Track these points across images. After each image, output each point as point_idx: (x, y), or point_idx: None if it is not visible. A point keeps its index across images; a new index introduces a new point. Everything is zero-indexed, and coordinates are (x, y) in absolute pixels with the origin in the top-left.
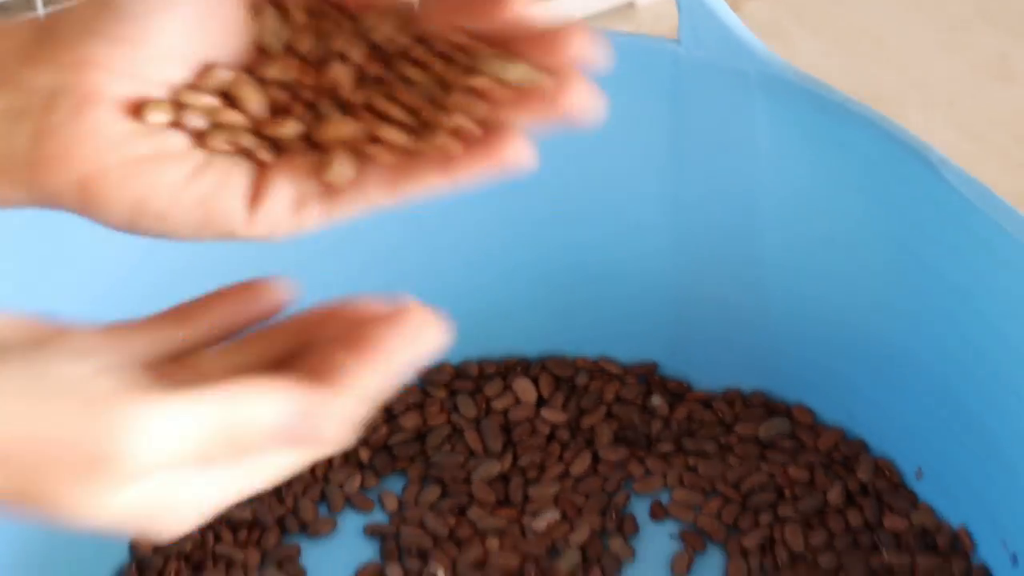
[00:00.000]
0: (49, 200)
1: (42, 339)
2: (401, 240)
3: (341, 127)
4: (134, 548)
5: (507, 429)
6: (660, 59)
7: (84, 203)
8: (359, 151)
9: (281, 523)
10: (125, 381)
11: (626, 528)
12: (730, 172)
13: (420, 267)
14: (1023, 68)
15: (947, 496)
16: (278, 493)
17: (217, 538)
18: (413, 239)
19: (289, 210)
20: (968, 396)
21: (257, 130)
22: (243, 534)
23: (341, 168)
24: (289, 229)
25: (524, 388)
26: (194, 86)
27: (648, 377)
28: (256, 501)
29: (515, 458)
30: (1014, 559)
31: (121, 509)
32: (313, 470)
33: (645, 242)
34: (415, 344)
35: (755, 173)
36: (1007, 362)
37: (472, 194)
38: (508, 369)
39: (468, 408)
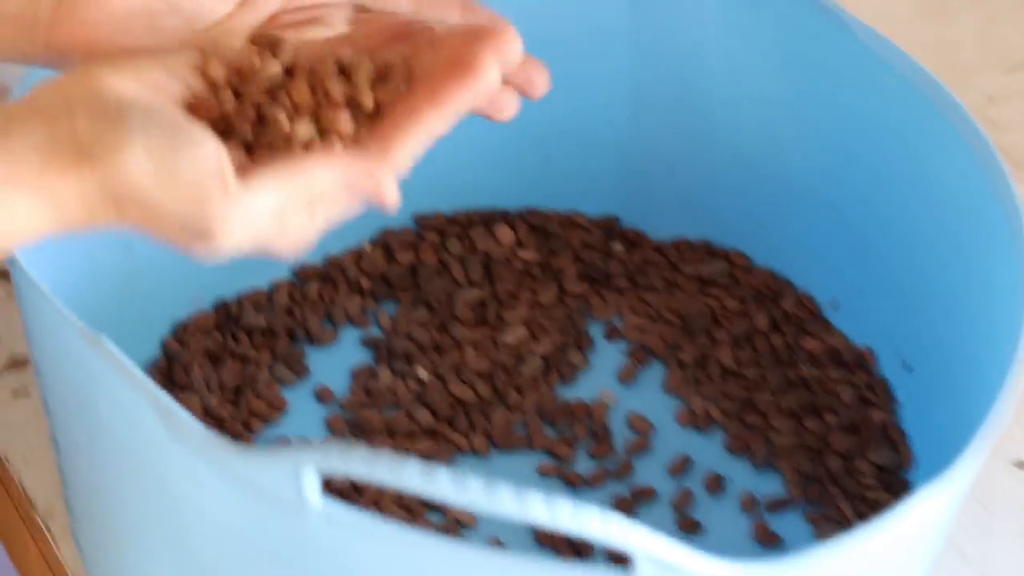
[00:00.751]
0: (60, 58)
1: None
2: None
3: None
4: (165, 346)
5: (488, 265)
6: None
7: (86, 63)
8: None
9: (291, 332)
10: (225, 166)
11: (583, 344)
12: (681, 43)
13: None
14: None
15: (856, 322)
16: (289, 310)
17: (236, 340)
18: None
19: None
20: (876, 235)
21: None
22: (257, 338)
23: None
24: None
25: (504, 233)
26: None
27: (610, 227)
28: (269, 313)
29: (493, 288)
30: (905, 365)
31: (232, 249)
32: (320, 294)
33: (608, 109)
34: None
35: (702, 43)
36: (909, 201)
37: None
38: (492, 218)
39: (455, 247)
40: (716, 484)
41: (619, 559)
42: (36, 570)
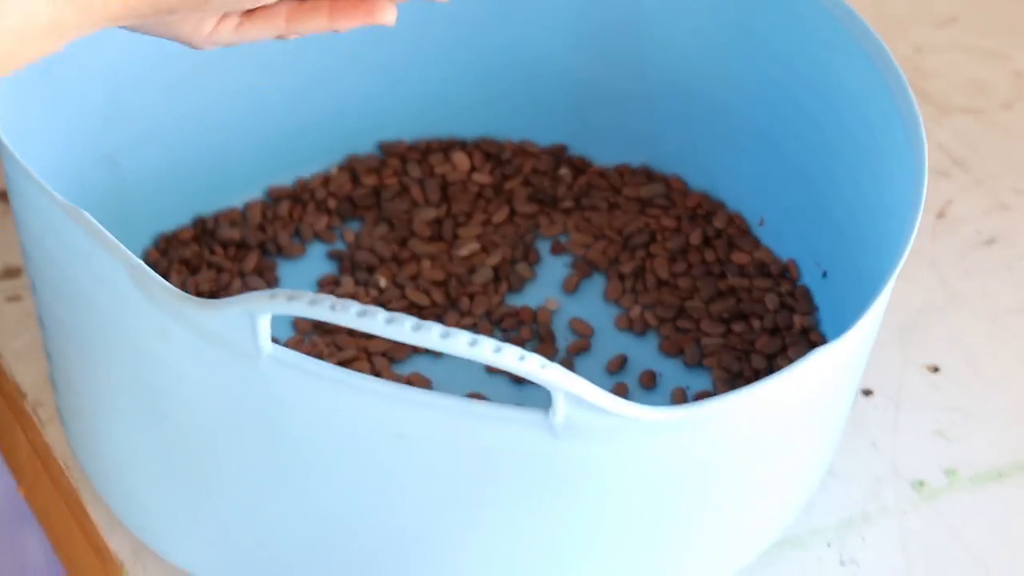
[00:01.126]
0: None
1: None
2: (371, 41)
3: None
4: (146, 255)
5: (444, 188)
6: None
7: None
8: None
9: (262, 246)
10: None
11: (530, 258)
12: None
13: (385, 63)
14: None
15: (781, 238)
16: (261, 226)
17: (211, 252)
18: (380, 38)
19: (232, 29)
20: (799, 158)
21: None
22: (231, 251)
23: None
24: (228, 42)
25: (460, 159)
26: None
27: (558, 155)
28: (243, 228)
29: (449, 208)
30: (824, 274)
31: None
32: (291, 213)
33: (555, 46)
34: None
35: None
36: (826, 125)
37: (425, 11)
38: (449, 146)
39: (415, 171)
40: (650, 380)
41: None
42: (24, 457)
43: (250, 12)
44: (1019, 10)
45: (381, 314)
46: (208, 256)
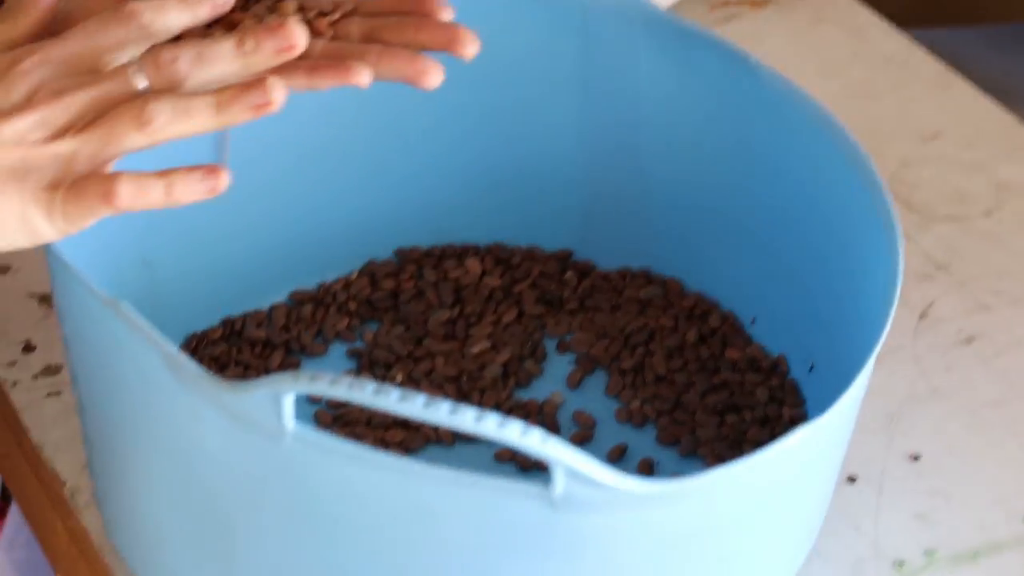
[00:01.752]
0: None
1: None
2: (386, 153)
3: None
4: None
5: (458, 291)
6: (571, 6)
7: None
8: None
9: (287, 345)
10: None
11: (537, 355)
12: (622, 96)
13: (400, 174)
14: None
15: (771, 335)
16: (286, 327)
17: (239, 350)
18: (397, 153)
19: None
20: (789, 260)
21: None
22: (258, 349)
23: None
24: None
25: (473, 264)
26: None
27: (564, 259)
28: (268, 329)
29: (461, 309)
30: (811, 368)
31: None
32: (313, 315)
33: (561, 155)
34: None
35: (639, 95)
36: (814, 227)
37: (441, 120)
38: (462, 252)
39: (430, 275)
40: (647, 467)
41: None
42: (62, 544)
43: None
44: (1000, 124)
45: (394, 392)
46: (236, 354)
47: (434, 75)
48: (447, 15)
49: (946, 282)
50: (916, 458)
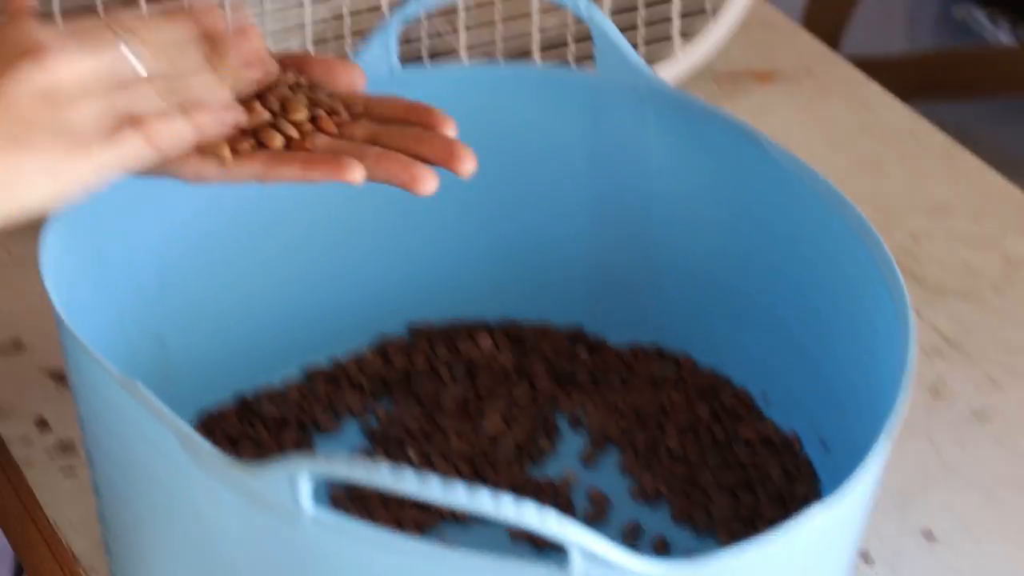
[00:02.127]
0: None
1: None
2: (396, 227)
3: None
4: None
5: (470, 368)
6: (581, 84)
7: None
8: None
9: (300, 422)
10: None
11: (550, 432)
12: (631, 173)
13: (411, 250)
14: None
15: (783, 411)
16: (299, 403)
17: (252, 427)
18: (407, 227)
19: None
20: (801, 337)
21: None
22: (272, 426)
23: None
24: (214, 179)
25: (485, 341)
26: None
27: (576, 335)
28: (282, 406)
29: (474, 386)
30: (824, 446)
31: None
32: (327, 391)
33: (571, 232)
34: None
35: (648, 173)
36: (824, 303)
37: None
38: (474, 329)
39: (443, 353)
40: (662, 547)
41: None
42: None
43: (234, 153)
44: (1007, 197)
45: (412, 476)
46: (249, 431)
47: (428, 182)
48: (451, 131)
49: (956, 358)
50: (930, 536)
